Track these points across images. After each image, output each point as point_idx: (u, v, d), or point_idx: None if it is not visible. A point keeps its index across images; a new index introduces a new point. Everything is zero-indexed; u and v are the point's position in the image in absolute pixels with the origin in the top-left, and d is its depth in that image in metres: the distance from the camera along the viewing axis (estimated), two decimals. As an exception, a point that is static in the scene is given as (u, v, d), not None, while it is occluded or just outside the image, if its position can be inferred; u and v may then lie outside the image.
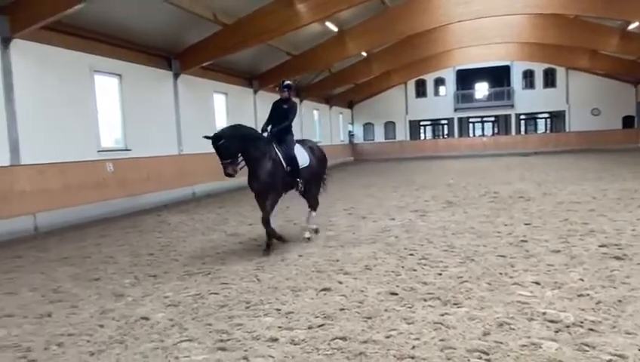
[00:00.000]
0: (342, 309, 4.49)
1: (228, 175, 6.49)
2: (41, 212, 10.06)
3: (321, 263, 6.20)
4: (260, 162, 6.72)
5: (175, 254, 7.25)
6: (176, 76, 15.17)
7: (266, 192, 6.82)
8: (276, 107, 7.44)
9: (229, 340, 3.92)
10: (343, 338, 3.81)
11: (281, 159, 6.92)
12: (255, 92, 20.64)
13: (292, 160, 7.03)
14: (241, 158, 6.60)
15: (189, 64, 15.26)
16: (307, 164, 7.31)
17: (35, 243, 8.88)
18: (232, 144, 6.40)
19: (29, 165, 9.98)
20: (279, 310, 4.56)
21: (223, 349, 3.76)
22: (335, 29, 19.12)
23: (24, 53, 9.98)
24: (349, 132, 36.74)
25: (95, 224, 10.64)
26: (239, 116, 19.16)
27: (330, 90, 28.95)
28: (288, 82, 7.46)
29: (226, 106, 18.51)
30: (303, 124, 26.27)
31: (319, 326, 4.12)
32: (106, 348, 3.92)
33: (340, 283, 5.31)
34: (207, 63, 15.76)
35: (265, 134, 7.05)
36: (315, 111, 28.82)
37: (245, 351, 3.70)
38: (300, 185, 7.26)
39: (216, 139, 6.33)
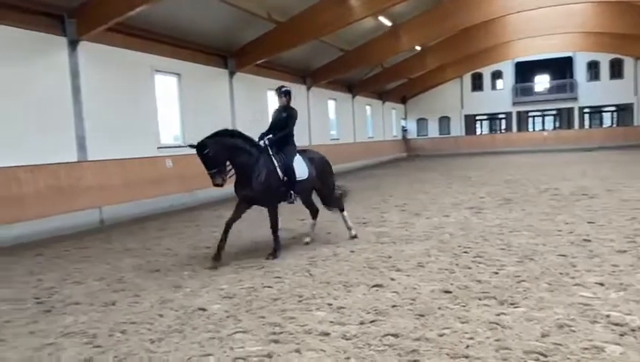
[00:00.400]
0: (394, 306, 4.46)
1: (216, 185, 6.13)
2: (105, 206, 10.59)
3: (373, 259, 6.19)
4: (252, 170, 6.32)
5: (230, 247, 7.40)
6: (231, 74, 15.51)
7: (260, 201, 6.57)
8: (276, 115, 7.05)
9: (281, 333, 3.98)
10: (395, 335, 3.79)
11: (277, 168, 6.50)
12: (308, 89, 20.77)
13: (289, 170, 6.58)
14: (229, 166, 6.23)
15: (244, 62, 15.56)
16: (306, 176, 6.80)
17: (100, 235, 9.34)
18: (217, 153, 5.98)
19: (95, 161, 10.51)
20: (331, 305, 4.59)
21: (275, 341, 3.83)
22: (389, 23, 18.90)
23: (90, 54, 10.50)
24: (402, 127, 36.29)
25: (155, 218, 11.05)
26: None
27: (382, 85, 28.67)
28: (286, 88, 7.03)
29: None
30: (356, 120, 26.21)
31: (371, 321, 4.12)
32: (166, 336, 4.08)
33: (392, 279, 5.28)
34: (262, 61, 15.99)
35: (261, 142, 6.63)
36: (368, 107, 28.65)
37: (297, 344, 3.75)
38: (293, 197, 6.81)
39: (201, 149, 5.94)
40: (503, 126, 37.51)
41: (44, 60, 9.70)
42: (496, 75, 35.96)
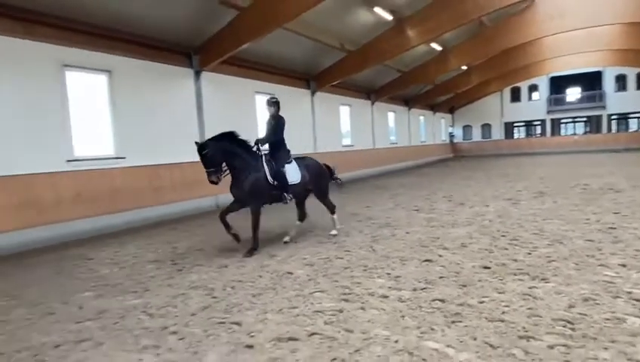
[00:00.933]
0: (441, 277, 4.36)
1: (211, 182, 5.62)
2: (220, 194, 11.12)
3: (424, 239, 6.05)
4: (243, 173, 5.75)
5: (310, 227, 7.55)
6: (313, 93, 15.70)
7: (247, 202, 5.91)
8: (267, 123, 6.37)
9: (350, 294, 4.02)
10: (442, 300, 3.71)
11: (267, 173, 5.88)
12: (372, 103, 20.55)
13: (279, 175, 5.95)
14: (225, 167, 5.74)
15: (322, 84, 15.68)
16: (298, 180, 6.16)
17: (213, 216, 9.80)
18: (215, 154, 5.51)
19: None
20: (389, 274, 4.56)
21: (346, 300, 3.87)
22: (439, 48, 18.26)
23: (209, 81, 11.06)
24: (450, 133, 34.88)
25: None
26: (360, 123, 19.31)
27: (434, 99, 27.74)
28: (275, 99, 6.39)
29: (350, 115, 18.70)
30: (411, 127, 25.60)
31: (422, 289, 4.05)
32: (263, 292, 4.25)
33: (440, 256, 5.14)
34: (336, 82, 16.04)
35: (255, 148, 6.02)
36: (421, 117, 27.84)
37: (363, 303, 3.77)
38: (287, 199, 6.15)
39: (201, 149, 5.47)
40: (538, 131, 34.98)
41: (177, 86, 10.35)
42: (533, 88, 33.55)
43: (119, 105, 8.95)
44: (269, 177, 5.87)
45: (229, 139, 5.76)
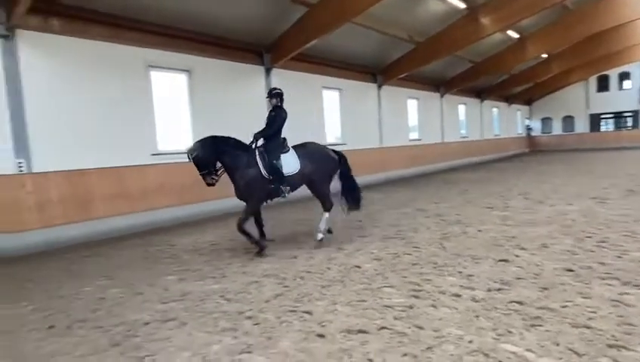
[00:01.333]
0: (518, 278, 4.13)
1: (208, 185, 5.51)
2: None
3: (498, 238, 5.76)
4: (237, 172, 5.55)
5: (376, 222, 7.51)
6: (379, 87, 15.52)
7: (243, 199, 5.69)
8: (268, 115, 6.03)
9: (420, 291, 3.96)
10: (520, 303, 3.53)
11: (261, 168, 5.59)
12: (442, 96, 19.84)
13: (273, 168, 5.61)
14: (220, 167, 5.58)
15: (389, 77, 15.43)
16: (295, 170, 5.77)
17: (281, 209, 10.06)
18: (203, 157, 5.37)
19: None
20: (461, 272, 4.41)
21: (415, 296, 3.82)
22: (516, 35, 17.11)
23: (278, 78, 11.35)
24: (527, 126, 32.57)
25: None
26: (428, 117, 18.75)
27: (509, 90, 26.07)
28: (277, 91, 5.98)
29: (418, 109, 18.23)
30: (483, 120, 24.36)
31: (497, 289, 3.87)
32: (332, 284, 4.33)
33: (517, 256, 4.87)
34: (404, 75, 15.70)
35: (251, 142, 5.74)
36: (495, 109, 26.33)
37: (433, 300, 3.70)
38: (285, 192, 5.76)
39: (190, 153, 5.38)
40: (629, 123, 31.53)
41: (250, 83, 10.78)
42: (624, 75, 30.18)
43: (197, 102, 9.53)
44: (263, 171, 5.56)
45: (217, 138, 5.55)
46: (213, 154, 5.46)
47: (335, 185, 6.38)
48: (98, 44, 7.86)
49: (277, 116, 5.84)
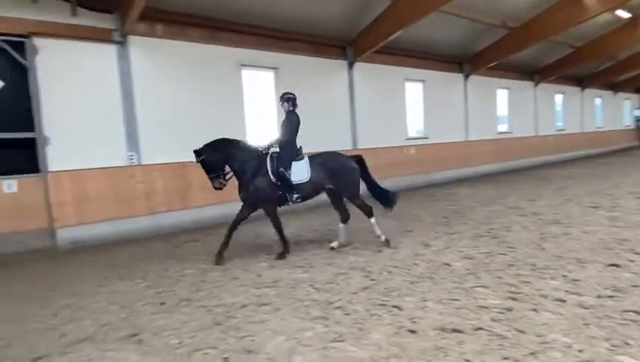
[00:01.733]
0: (634, 286, 3.70)
1: (215, 188, 5.43)
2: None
3: (607, 241, 5.20)
4: (245, 177, 5.43)
5: (465, 219, 7.20)
6: (466, 77, 14.77)
7: (256, 203, 5.52)
8: (282, 121, 5.75)
9: (518, 293, 3.73)
10: (637, 312, 3.17)
11: (270, 173, 5.41)
12: (536, 85, 18.31)
13: (280, 174, 5.39)
14: (229, 171, 5.46)
15: (477, 66, 14.60)
16: (305, 179, 5.47)
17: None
18: (211, 160, 5.30)
19: (362, 149, 11.37)
20: (565, 276, 4.06)
21: (514, 299, 3.61)
22: (627, 15, 15.15)
23: (360, 71, 11.36)
24: (636, 117, 28.82)
25: (403, 193, 11.38)
26: (520, 108, 17.45)
27: (615, 77, 23.22)
28: (288, 95, 5.67)
29: (508, 100, 17.04)
30: (584, 112, 22.04)
31: (608, 296, 3.52)
32: (420, 280, 4.25)
33: (631, 261, 4.36)
34: (493, 64, 14.75)
35: (262, 149, 5.58)
36: (598, 99, 23.65)
37: (535, 304, 3.46)
38: (291, 200, 5.51)
39: (197, 156, 5.30)
40: None
41: (332, 78, 10.90)
42: None
43: (282, 99, 9.88)
44: (271, 177, 5.42)
45: (226, 141, 5.50)
46: (221, 158, 5.38)
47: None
48: (196, 45, 8.48)
49: (289, 122, 5.60)
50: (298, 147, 5.63)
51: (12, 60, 6.83)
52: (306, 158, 5.58)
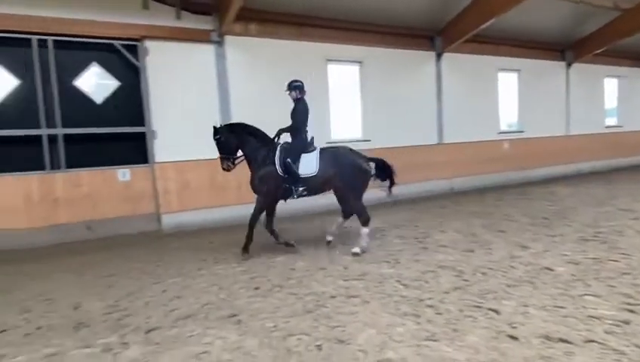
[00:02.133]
0: None
1: (223, 169, 5.47)
2: (456, 178, 11.00)
3: None
4: (254, 164, 5.44)
5: (567, 221, 6.59)
6: (568, 65, 13.42)
7: (256, 192, 5.50)
8: (291, 111, 5.60)
9: (636, 304, 3.34)
10: None
11: (277, 165, 5.30)
12: (653, 71, 16.06)
13: (287, 166, 5.27)
14: (240, 155, 5.49)
15: (582, 53, 13.17)
16: (313, 172, 5.30)
17: (451, 199, 9.75)
18: (226, 141, 5.35)
19: (449, 143, 10.96)
20: (697, 290, 3.55)
21: (631, 311, 3.24)
22: None
23: (448, 62, 10.88)
24: None
25: (491, 190, 10.78)
26: (633, 98, 15.46)
27: None
28: (296, 83, 5.52)
29: (618, 89, 15.17)
30: None
31: None
32: (518, 284, 3.98)
33: None
34: (601, 50, 13.21)
35: (275, 138, 5.54)
36: None
37: (659, 319, 3.08)
38: (296, 193, 5.36)
39: (214, 133, 5.35)
40: None
41: (419, 70, 10.58)
42: None
43: (366, 92, 9.84)
44: (278, 169, 5.33)
45: (242, 126, 5.54)
46: (235, 140, 5.45)
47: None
48: (285, 42, 8.77)
49: (297, 111, 5.51)
50: (309, 137, 5.54)
51: (126, 62, 7.65)
52: (317, 151, 5.47)
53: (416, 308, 3.56)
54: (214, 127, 5.42)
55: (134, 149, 7.77)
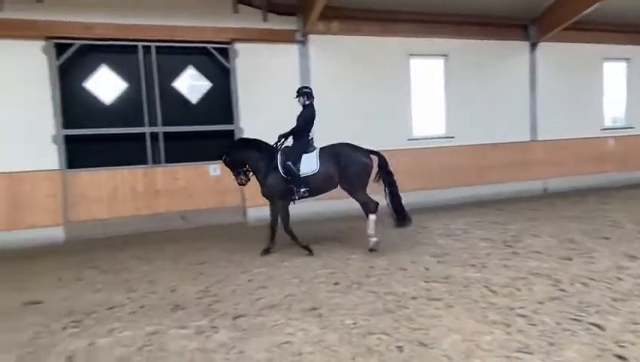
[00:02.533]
0: None
1: (239, 184, 5.83)
2: (551, 178, 10.13)
3: None
4: (259, 175, 5.67)
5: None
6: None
7: (267, 198, 5.72)
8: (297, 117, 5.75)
9: None
10: None
11: (279, 167, 5.48)
12: None
13: (286, 168, 5.43)
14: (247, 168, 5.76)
15: None
16: (313, 171, 5.45)
17: (545, 201, 8.98)
18: (232, 160, 5.72)
19: (543, 141, 10.10)
20: None
21: None
22: None
23: (544, 52, 10.02)
24: None
25: (594, 192, 9.73)
26: None
27: None
28: (305, 90, 5.71)
29: None
30: None
31: None
32: (627, 298, 3.56)
33: None
34: None
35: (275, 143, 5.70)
36: None
37: None
38: (297, 194, 5.47)
39: (220, 157, 5.83)
40: None
41: (509, 62, 9.89)
42: None
43: (451, 87, 9.42)
44: (280, 170, 5.49)
45: (243, 141, 5.96)
46: (239, 156, 5.72)
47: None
48: (367, 39, 8.71)
49: (302, 116, 5.68)
50: (309, 139, 5.70)
51: (218, 64, 8.15)
52: (317, 151, 5.61)
53: (507, 317, 3.33)
54: (220, 153, 5.85)
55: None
